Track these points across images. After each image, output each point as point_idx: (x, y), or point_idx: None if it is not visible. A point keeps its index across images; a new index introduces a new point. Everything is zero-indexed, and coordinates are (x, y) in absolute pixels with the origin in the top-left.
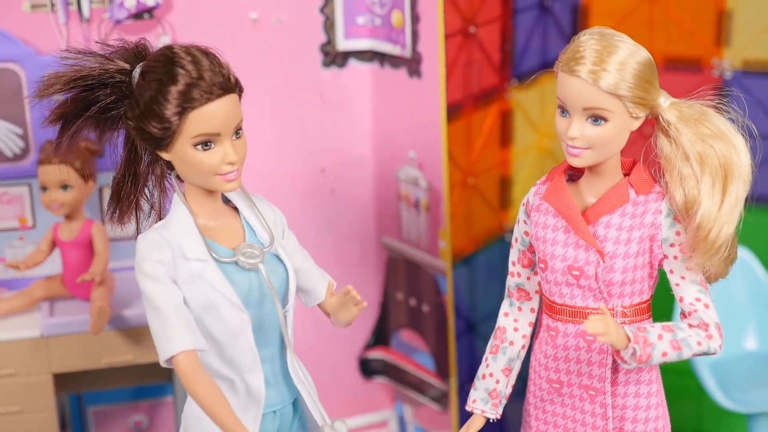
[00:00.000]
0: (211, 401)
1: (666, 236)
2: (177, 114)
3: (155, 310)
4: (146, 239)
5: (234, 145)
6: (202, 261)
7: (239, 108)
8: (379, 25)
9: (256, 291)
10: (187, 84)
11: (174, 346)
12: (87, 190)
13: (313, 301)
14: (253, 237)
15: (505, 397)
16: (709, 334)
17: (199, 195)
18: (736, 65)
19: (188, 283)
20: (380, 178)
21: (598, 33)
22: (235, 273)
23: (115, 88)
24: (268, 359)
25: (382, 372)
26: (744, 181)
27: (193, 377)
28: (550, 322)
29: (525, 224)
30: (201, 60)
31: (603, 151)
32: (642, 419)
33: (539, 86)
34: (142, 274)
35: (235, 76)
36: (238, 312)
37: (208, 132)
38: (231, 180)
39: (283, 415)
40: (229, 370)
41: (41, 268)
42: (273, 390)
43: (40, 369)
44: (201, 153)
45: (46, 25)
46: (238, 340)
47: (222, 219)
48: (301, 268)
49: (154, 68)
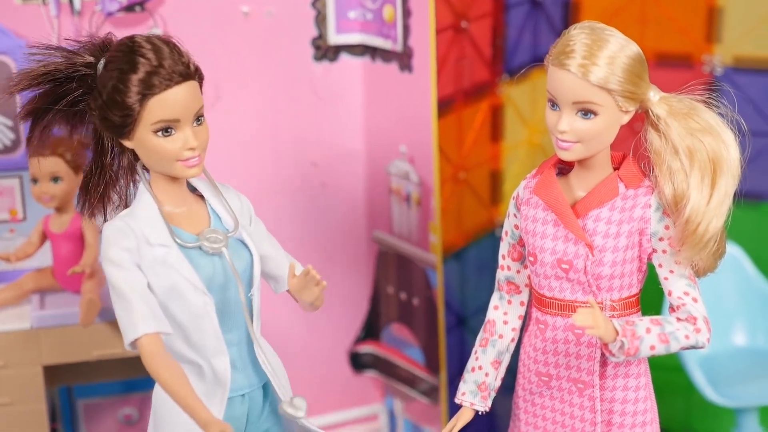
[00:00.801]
0: (173, 383)
1: (655, 230)
2: (138, 101)
3: (120, 296)
4: (111, 227)
5: (195, 132)
6: (166, 246)
7: (199, 95)
8: (371, 20)
9: (220, 275)
10: (147, 72)
11: (137, 329)
12: (78, 182)
13: (282, 287)
14: (218, 223)
15: (494, 390)
16: (697, 327)
17: (164, 183)
18: (726, 61)
19: (152, 268)
20: (371, 172)
21: (588, 27)
22: (199, 258)
23: (82, 82)
24: (235, 343)
25: (373, 366)
26: (733, 175)
27: (156, 360)
28: (539, 315)
29: (515, 218)
30: (161, 48)
31: (592, 144)
32: (630, 412)
33: (530, 81)
34: (108, 261)
35: (196, 63)
36: (201, 295)
37: (167, 118)
38: (192, 166)
39: (252, 399)
40: (195, 354)
41: (32, 260)
42: (240, 374)
43: (31, 361)
44: (162, 139)
45: (38, 17)
46: (203, 324)
47: (187, 206)
48: (269, 254)
49: (115, 58)
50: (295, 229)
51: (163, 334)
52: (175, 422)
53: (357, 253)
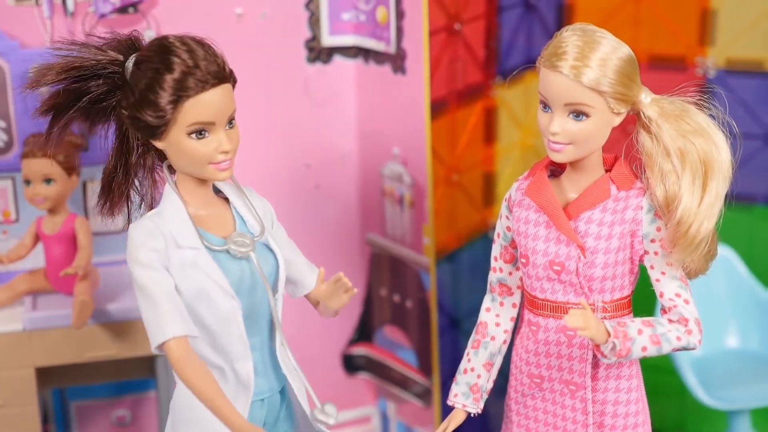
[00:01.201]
0: (204, 387)
1: (647, 232)
2: (172, 102)
3: (147, 297)
4: (139, 228)
5: (228, 135)
6: (195, 249)
7: (233, 98)
8: (364, 21)
9: (248, 279)
10: (182, 72)
11: (165, 332)
12: (71, 183)
13: (300, 292)
14: (243, 226)
15: (486, 391)
16: (688, 329)
17: (191, 184)
18: (719, 64)
19: (181, 270)
20: (364, 174)
21: (580, 29)
22: (226, 261)
23: (108, 79)
24: (258, 347)
25: (365, 368)
26: (724, 177)
27: (185, 363)
28: (531, 317)
29: (507, 219)
30: (196, 49)
31: (584, 146)
32: (622, 414)
33: (524, 84)
34: (136, 262)
35: (230, 66)
36: (229, 300)
37: (202, 121)
38: (224, 169)
39: (271, 403)
40: (219, 358)
41: (24, 261)
42: (262, 378)
43: (23, 363)
44: (195, 142)
45: (31, 18)
46: (230, 328)
47: (213, 208)
48: (290, 259)
49: (149, 57)
50: (288, 231)
51: (191, 337)
52: (199, 428)
53: (350, 255)
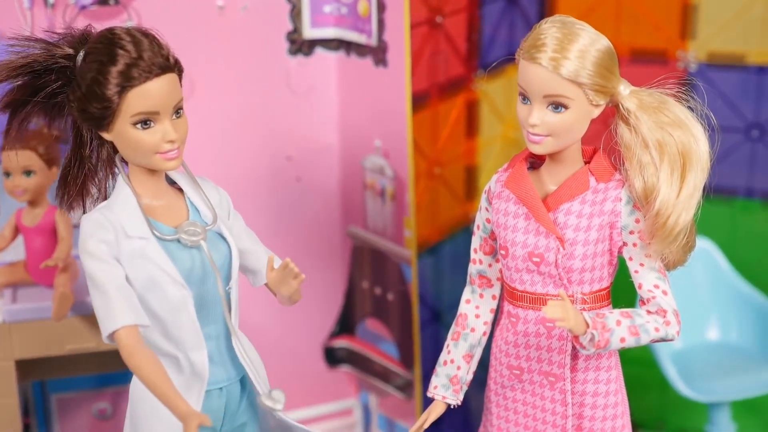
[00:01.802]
0: (152, 376)
1: (625, 223)
2: (117, 93)
3: (98, 288)
4: (89, 219)
5: (174, 124)
6: (144, 239)
7: (179, 87)
8: (346, 14)
9: (199, 268)
10: (126, 64)
11: (116, 322)
12: (51, 175)
13: (260, 281)
14: (196, 216)
15: (465, 383)
16: (667, 320)
17: (143, 175)
18: (700, 57)
19: (130, 260)
20: (346, 166)
21: (559, 21)
22: (177, 251)
23: (61, 74)
24: (213, 336)
25: (347, 361)
26: (702, 168)
27: (135, 352)
28: (510, 308)
29: (487, 211)
30: (141, 40)
31: (563, 138)
32: (601, 405)
33: (505, 77)
34: (86, 254)
35: (175, 56)
36: (179, 288)
37: (146, 110)
38: (171, 158)
39: (230, 392)
40: (172, 347)
41: (4, 254)
42: (219, 367)
43: (3, 355)
44: (140, 132)
45: (11, 9)
46: (181, 317)
47: (165, 198)
48: (248, 248)
49: (95, 50)
50: (269, 224)
51: (142, 326)
52: (154, 416)
53: (331, 248)
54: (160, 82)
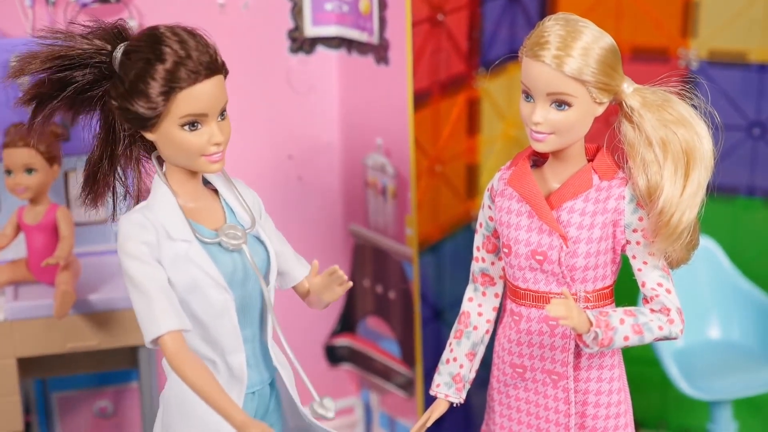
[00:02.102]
0: (203, 382)
1: (629, 222)
2: (164, 93)
3: (140, 291)
4: (130, 220)
5: (219, 126)
6: (187, 242)
7: (225, 89)
8: (347, 12)
9: (240, 271)
10: (174, 62)
11: (160, 326)
12: (52, 173)
13: (288, 283)
14: (233, 218)
15: (468, 381)
16: (670, 318)
17: (181, 176)
18: (702, 55)
19: (173, 263)
20: (347, 164)
21: (562, 18)
22: (218, 254)
23: (94, 69)
24: (249, 340)
25: (349, 359)
26: (706, 167)
27: (182, 358)
28: (513, 306)
29: (489, 209)
30: (187, 40)
31: (567, 136)
32: (604, 404)
33: (507, 75)
34: (126, 255)
35: (221, 57)
36: (222, 292)
37: (195, 112)
38: (216, 161)
39: (261, 395)
40: (211, 351)
41: (5, 252)
42: (253, 371)
43: (4, 353)
44: (188, 133)
45: (12, 8)
46: (222, 321)
47: (203, 201)
48: (279, 251)
49: (139, 47)
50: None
51: (185, 331)
52: (193, 421)
53: (333, 246)
54: (209, 83)
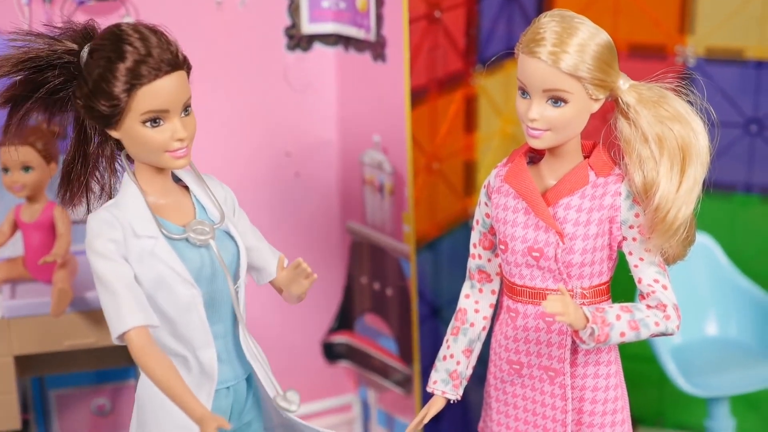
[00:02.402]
0: (165, 377)
1: (625, 218)
2: (125, 91)
3: (107, 288)
4: (97, 218)
5: (183, 122)
6: (153, 238)
7: (188, 85)
8: (344, 9)
9: (208, 267)
10: (135, 61)
11: (126, 322)
12: (49, 171)
13: (264, 279)
14: (203, 214)
15: (465, 378)
16: (666, 314)
17: (149, 173)
18: (699, 52)
19: (139, 260)
20: (345, 162)
21: (558, 15)
22: (186, 250)
23: (64, 69)
24: (221, 335)
25: (346, 356)
26: (702, 163)
27: (146, 353)
28: (510, 303)
29: (486, 206)
30: (149, 37)
31: (563, 132)
32: (601, 400)
33: (504, 72)
34: (94, 253)
35: (183, 53)
36: (189, 288)
37: (156, 108)
38: (180, 157)
39: (237, 391)
40: (181, 346)
41: (2, 250)
42: (226, 366)
43: (1, 351)
44: (150, 130)
45: (9, 5)
46: (190, 316)
47: (172, 197)
48: (253, 246)
49: (102, 46)
50: (268, 219)
51: (151, 327)
52: (163, 418)
53: (330, 244)
54: (169, 79)
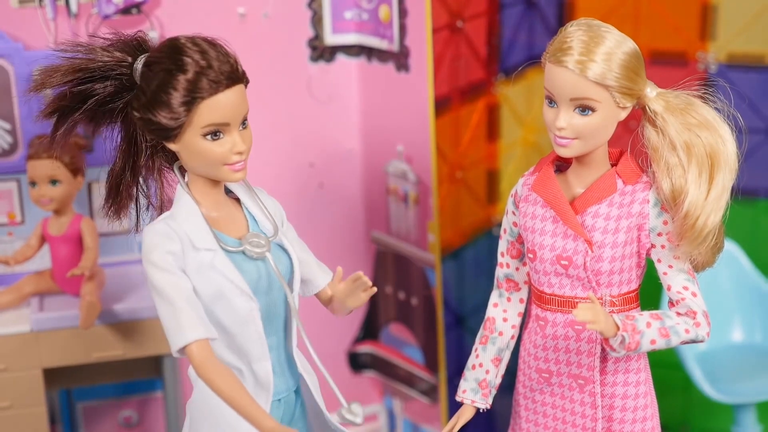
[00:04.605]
0: (230, 389)
1: (653, 225)
2: (186, 104)
3: (166, 300)
4: (154, 230)
5: (241, 135)
6: (211, 251)
7: (246, 98)
8: (367, 20)
9: (264, 280)
10: (195, 72)
11: (187, 335)
12: (76, 184)
13: (311, 291)
14: (255, 227)
15: (494, 387)
16: (696, 321)
17: (203, 186)
18: (720, 58)
19: (198, 272)
20: (369, 172)
21: (585, 24)
22: (243, 262)
23: (115, 81)
24: (274, 347)
25: (371, 366)
26: (730, 169)
27: (209, 366)
28: (539, 312)
29: (513, 215)
30: (208, 50)
31: (590, 141)
32: (631, 408)
33: (526, 81)
34: (152, 265)
35: (242, 66)
36: (247, 300)
37: (218, 122)
38: (239, 170)
39: (287, 403)
40: (237, 359)
41: (30, 263)
42: (279, 378)
43: (30, 364)
44: (210, 143)
45: (34, 20)
46: (248, 329)
47: (225, 209)
48: (302, 258)
49: (160, 59)
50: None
51: (212, 339)
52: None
53: (355, 253)
54: (230, 93)
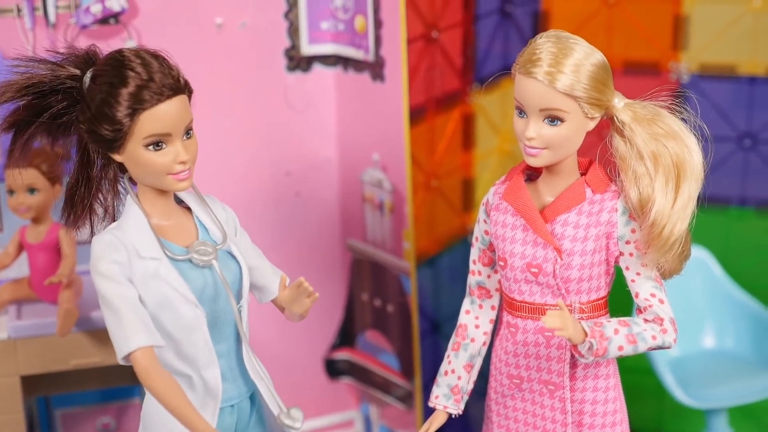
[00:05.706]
0: (170, 396)
1: (621, 234)
2: (128, 115)
3: (112, 309)
4: (101, 240)
5: (185, 145)
6: (157, 259)
7: (189, 108)
8: (343, 30)
9: (211, 287)
10: (137, 86)
11: (131, 343)
12: (54, 193)
13: (266, 297)
14: (206, 235)
15: (466, 393)
16: (663, 328)
17: (152, 195)
18: (692, 69)
19: (143, 281)
20: (345, 180)
21: (554, 36)
22: (189, 270)
23: (66, 94)
24: (224, 354)
25: (348, 372)
26: (696, 179)
27: (151, 373)
28: (510, 318)
29: (485, 223)
30: (151, 62)
31: (560, 151)
32: (600, 413)
33: (500, 90)
34: (98, 275)
35: (185, 77)
36: (192, 308)
37: (159, 132)
38: (183, 179)
39: (241, 409)
40: (185, 366)
41: (8, 271)
42: (230, 384)
43: (8, 371)
44: (152, 153)
45: (13, 29)
46: (194, 336)
47: (175, 218)
48: (255, 265)
49: (104, 72)
50: (269, 238)
51: (156, 347)
52: None
53: (331, 261)
54: (171, 104)
